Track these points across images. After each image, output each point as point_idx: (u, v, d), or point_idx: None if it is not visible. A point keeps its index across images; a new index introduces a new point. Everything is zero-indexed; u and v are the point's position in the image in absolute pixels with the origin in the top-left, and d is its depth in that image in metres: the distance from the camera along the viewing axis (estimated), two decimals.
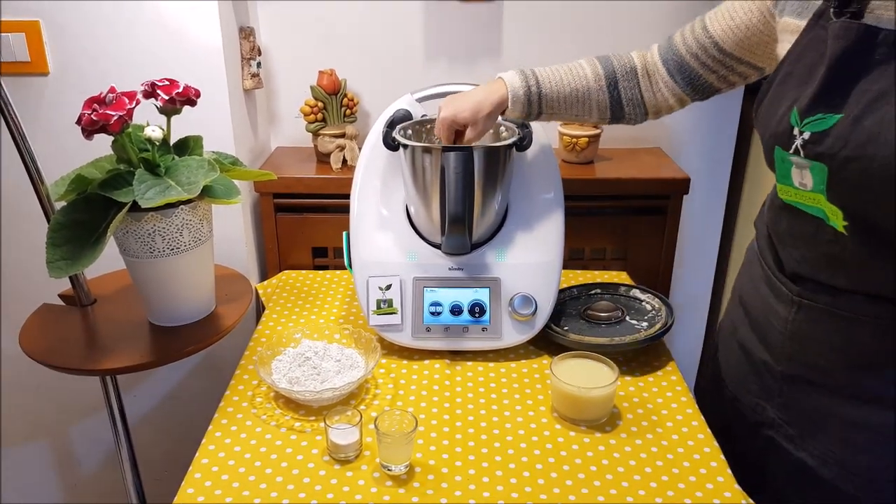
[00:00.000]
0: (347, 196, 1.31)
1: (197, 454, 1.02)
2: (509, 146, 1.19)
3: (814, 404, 0.99)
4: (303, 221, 1.66)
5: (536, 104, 1.16)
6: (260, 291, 1.52)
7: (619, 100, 1.16)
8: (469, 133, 1.14)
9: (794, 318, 0.98)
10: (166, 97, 1.17)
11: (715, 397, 1.19)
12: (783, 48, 0.95)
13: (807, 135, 0.85)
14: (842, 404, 0.96)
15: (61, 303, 1.35)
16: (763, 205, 1.10)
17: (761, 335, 1.06)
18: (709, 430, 1.07)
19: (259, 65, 1.62)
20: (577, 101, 1.16)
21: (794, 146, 0.86)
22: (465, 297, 1.24)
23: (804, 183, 0.88)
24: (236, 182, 1.25)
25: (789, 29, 0.94)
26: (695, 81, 1.11)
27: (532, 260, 1.25)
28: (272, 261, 1.69)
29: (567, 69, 1.16)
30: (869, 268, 0.88)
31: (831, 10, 0.85)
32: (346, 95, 1.69)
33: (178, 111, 1.20)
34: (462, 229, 1.15)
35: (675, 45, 1.12)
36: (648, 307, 1.35)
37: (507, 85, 1.15)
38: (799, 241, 0.96)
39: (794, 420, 1.02)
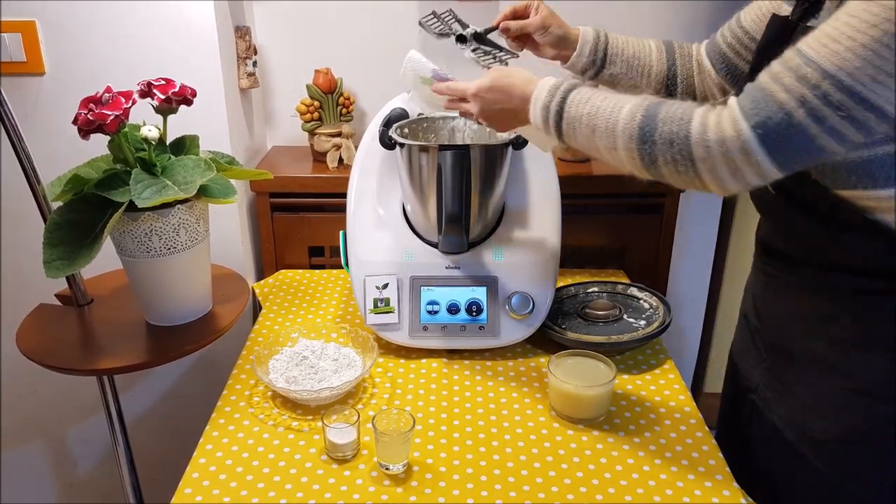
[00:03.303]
0: (344, 195, 1.31)
1: (195, 454, 1.02)
2: (506, 145, 1.19)
3: (784, 369, 1.03)
4: (299, 221, 1.66)
5: (602, 52, 1.20)
6: (257, 291, 1.52)
7: (675, 75, 1.22)
8: (531, 19, 1.18)
9: (763, 286, 1.07)
10: (162, 97, 1.16)
11: (726, 372, 1.24)
12: None
13: None
14: (803, 369, 1.00)
15: (58, 303, 1.34)
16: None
17: (752, 302, 1.12)
18: (707, 429, 1.08)
19: (255, 64, 1.62)
20: (638, 64, 1.21)
21: None
22: (462, 295, 1.24)
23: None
24: (233, 181, 1.25)
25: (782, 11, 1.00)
26: (734, 72, 1.16)
27: (529, 258, 1.26)
28: (269, 260, 1.69)
29: (634, 37, 1.23)
30: (804, 235, 0.95)
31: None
32: (342, 94, 1.69)
33: (174, 111, 1.20)
34: (459, 228, 1.15)
35: (716, 39, 1.18)
36: (646, 305, 1.35)
37: (581, 29, 1.21)
38: (762, 209, 1.04)
39: (770, 384, 1.06)
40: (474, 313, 1.23)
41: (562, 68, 1.22)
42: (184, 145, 1.24)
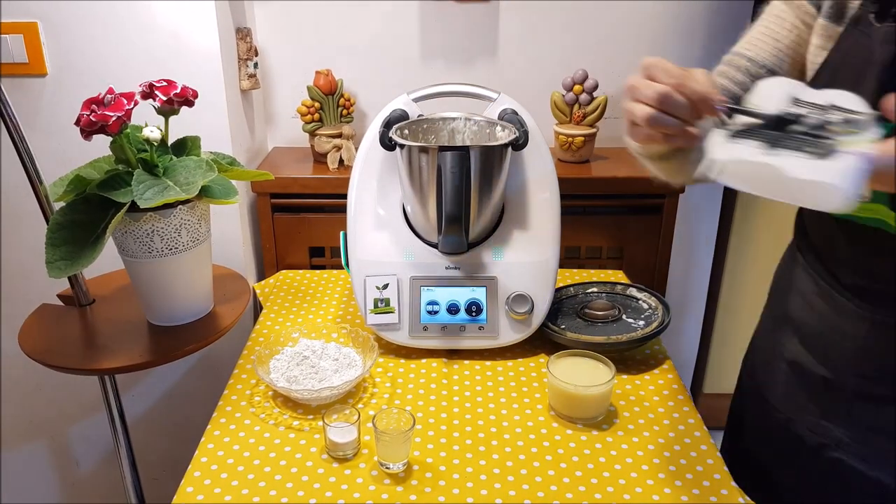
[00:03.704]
0: (344, 196, 1.32)
1: (196, 453, 1.03)
2: (505, 145, 1.20)
3: (890, 420, 0.94)
4: (300, 221, 1.66)
5: None
6: (257, 291, 1.52)
7: None
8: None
9: (865, 334, 0.94)
10: (164, 98, 1.17)
11: (760, 423, 1.13)
12: (813, 51, 0.92)
13: None
14: None
15: (60, 303, 1.35)
16: (799, 218, 1.06)
17: (820, 352, 1.01)
18: (705, 428, 1.08)
19: (256, 65, 1.63)
20: None
21: None
22: (461, 296, 1.24)
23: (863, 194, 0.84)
24: (234, 182, 1.25)
25: (826, 33, 0.91)
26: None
27: (528, 259, 1.26)
28: (269, 260, 1.70)
29: None
30: None
31: (871, 15, 0.83)
32: (342, 96, 1.69)
33: (175, 112, 1.21)
34: (459, 228, 1.16)
35: (728, 90, 0.99)
36: (645, 306, 1.36)
37: None
38: (860, 255, 0.92)
39: (867, 438, 0.97)
40: (474, 313, 1.24)
41: None
42: (185, 146, 1.25)
